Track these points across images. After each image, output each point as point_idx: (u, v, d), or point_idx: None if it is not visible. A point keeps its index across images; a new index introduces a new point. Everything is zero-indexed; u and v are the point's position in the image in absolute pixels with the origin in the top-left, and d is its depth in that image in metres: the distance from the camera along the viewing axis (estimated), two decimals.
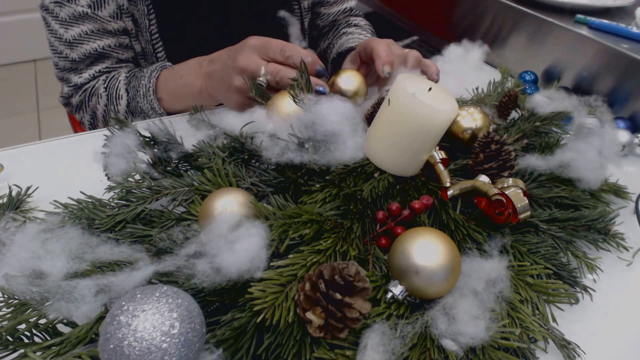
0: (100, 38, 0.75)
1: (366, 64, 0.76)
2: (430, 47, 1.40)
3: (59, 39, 0.75)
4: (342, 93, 0.67)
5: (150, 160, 0.54)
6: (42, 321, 0.38)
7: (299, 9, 0.90)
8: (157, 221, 0.48)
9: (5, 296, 0.39)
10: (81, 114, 0.83)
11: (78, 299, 0.38)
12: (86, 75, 0.78)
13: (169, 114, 0.73)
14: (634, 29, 0.90)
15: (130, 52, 0.81)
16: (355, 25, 0.97)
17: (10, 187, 0.54)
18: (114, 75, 0.78)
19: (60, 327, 0.39)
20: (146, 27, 0.76)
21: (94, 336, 0.37)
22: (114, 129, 0.55)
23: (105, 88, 0.77)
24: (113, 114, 0.77)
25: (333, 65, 0.94)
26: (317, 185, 0.50)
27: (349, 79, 0.68)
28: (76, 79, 0.78)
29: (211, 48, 0.73)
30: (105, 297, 0.38)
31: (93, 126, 0.83)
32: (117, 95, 0.75)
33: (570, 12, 0.99)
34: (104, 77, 0.78)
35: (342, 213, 0.48)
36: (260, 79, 0.62)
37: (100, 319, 0.37)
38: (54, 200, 0.49)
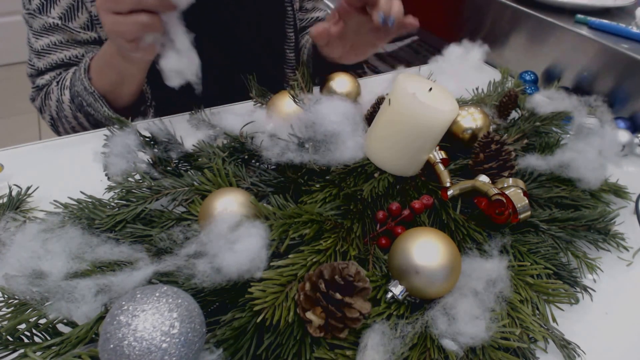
0: (67, 49, 0.76)
1: (342, 20, 0.74)
2: (430, 47, 1.40)
3: (30, 47, 0.77)
4: None
5: (150, 160, 0.54)
6: (42, 321, 0.38)
7: (292, 10, 0.91)
8: (157, 221, 0.48)
9: (5, 296, 0.39)
10: (44, 115, 0.83)
11: (78, 299, 0.38)
12: (47, 77, 0.79)
13: (101, 93, 0.72)
14: (634, 29, 0.90)
15: None
16: None
17: (10, 187, 0.54)
18: (66, 70, 0.78)
19: (60, 327, 0.39)
20: None
21: (94, 336, 0.37)
22: (114, 129, 0.55)
23: (57, 82, 0.77)
24: (59, 106, 0.76)
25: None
26: (317, 185, 0.50)
27: (342, 82, 0.69)
28: (38, 80, 0.79)
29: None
30: (105, 297, 0.38)
31: (54, 127, 0.82)
32: (63, 86, 0.75)
33: (570, 12, 0.99)
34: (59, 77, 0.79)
35: (342, 213, 0.48)
36: None
37: (100, 319, 0.37)
38: (54, 200, 0.49)
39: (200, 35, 0.83)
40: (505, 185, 0.52)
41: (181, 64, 0.61)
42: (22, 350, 0.37)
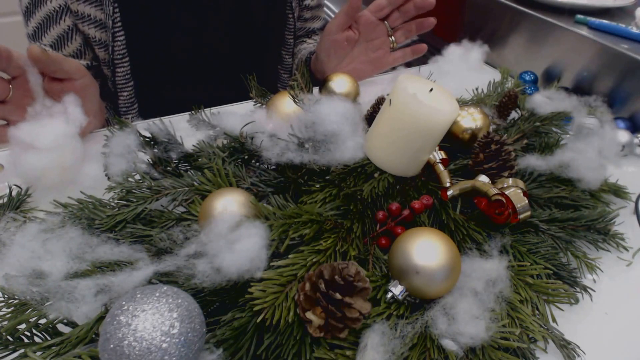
0: None
1: (359, 30, 0.77)
2: (430, 47, 1.40)
3: None
4: None
5: (150, 160, 0.54)
6: (42, 321, 0.38)
7: (293, 18, 0.91)
8: (157, 221, 0.48)
9: (5, 296, 0.39)
10: None
11: (78, 299, 0.38)
12: None
13: None
14: (634, 29, 0.90)
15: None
16: (314, 40, 1.03)
17: (10, 187, 0.54)
18: None
19: (60, 327, 0.39)
20: (109, 52, 0.77)
21: (94, 336, 0.37)
22: (114, 129, 0.55)
23: None
24: None
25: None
26: (317, 185, 0.50)
27: (341, 82, 0.69)
28: None
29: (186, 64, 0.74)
30: (105, 297, 0.38)
31: None
32: None
33: (570, 12, 0.99)
34: None
35: (342, 213, 0.48)
36: None
37: (100, 319, 0.37)
38: (54, 200, 0.49)
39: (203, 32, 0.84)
40: (505, 185, 0.52)
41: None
42: (22, 350, 0.37)
